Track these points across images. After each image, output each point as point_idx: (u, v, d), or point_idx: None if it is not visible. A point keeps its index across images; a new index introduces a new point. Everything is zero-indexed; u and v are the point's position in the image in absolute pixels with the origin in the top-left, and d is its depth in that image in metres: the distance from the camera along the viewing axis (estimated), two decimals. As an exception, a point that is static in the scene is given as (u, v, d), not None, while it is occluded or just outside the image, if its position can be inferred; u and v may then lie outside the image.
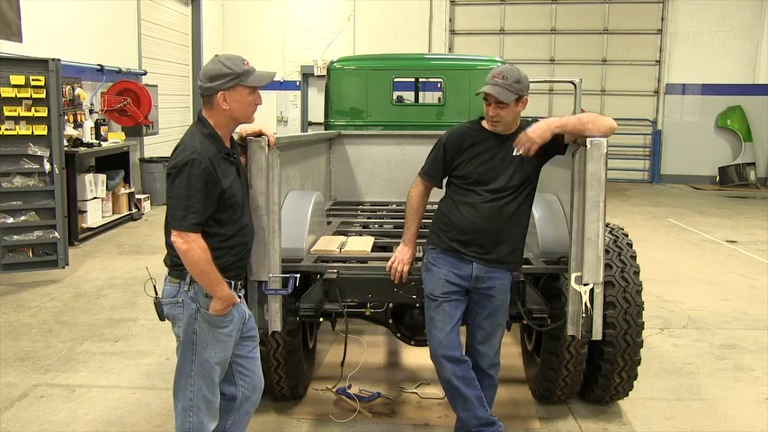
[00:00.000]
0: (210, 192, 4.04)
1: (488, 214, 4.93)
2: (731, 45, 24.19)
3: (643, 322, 5.76)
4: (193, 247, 3.98)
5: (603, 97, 25.01)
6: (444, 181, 5.24)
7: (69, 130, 13.13)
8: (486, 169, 4.97)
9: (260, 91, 4.32)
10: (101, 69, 15.54)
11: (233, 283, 4.30)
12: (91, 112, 15.02)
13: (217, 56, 4.28)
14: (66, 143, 12.08)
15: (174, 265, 4.19)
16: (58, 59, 10.45)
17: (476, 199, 4.96)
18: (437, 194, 5.30)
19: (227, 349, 4.34)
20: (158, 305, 4.27)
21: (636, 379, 5.96)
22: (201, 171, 3.98)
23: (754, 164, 24.12)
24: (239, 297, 4.39)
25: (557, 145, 4.94)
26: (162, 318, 4.30)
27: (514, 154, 4.86)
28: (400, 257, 5.27)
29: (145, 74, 17.85)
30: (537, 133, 4.77)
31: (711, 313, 9.31)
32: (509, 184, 4.95)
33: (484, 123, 5.10)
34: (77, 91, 14.16)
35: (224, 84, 4.13)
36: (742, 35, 24.09)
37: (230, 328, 4.30)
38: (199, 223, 4.01)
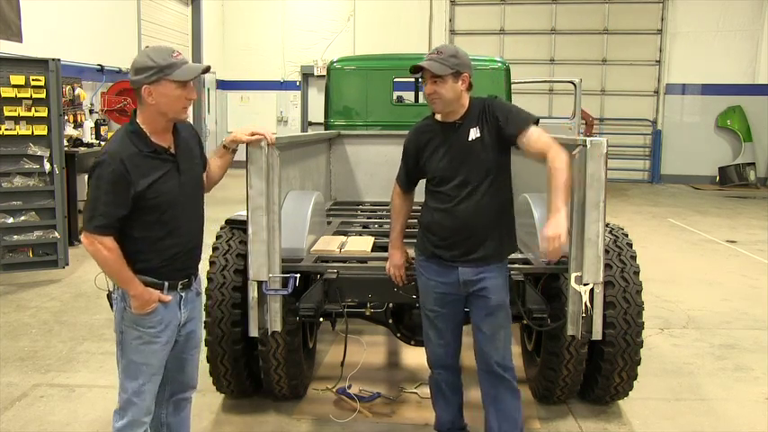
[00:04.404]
0: (120, 194, 3.91)
1: (463, 216, 4.75)
2: (731, 45, 24.27)
3: (643, 322, 5.76)
4: (99, 248, 3.91)
5: (603, 97, 25.11)
6: (419, 183, 5.17)
7: (69, 130, 13.12)
8: (446, 164, 4.80)
9: (261, 91, 4.25)
10: (101, 69, 15.58)
11: (166, 284, 4.16)
12: (91, 112, 15.04)
13: (146, 47, 4.15)
14: (66, 143, 12.06)
15: None
16: (58, 59, 10.44)
17: (447, 203, 4.79)
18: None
19: (155, 351, 4.19)
20: (110, 297, 4.24)
21: (636, 379, 5.96)
22: (110, 173, 3.88)
23: (753, 164, 24.18)
24: (179, 296, 4.27)
25: (511, 138, 4.73)
26: (113, 309, 4.24)
27: (542, 261, 4.70)
28: (392, 262, 5.24)
29: (145, 74, 17.85)
30: (556, 236, 4.37)
31: (711, 313, 9.32)
32: (472, 175, 4.75)
33: (437, 116, 4.96)
34: (77, 91, 14.19)
35: (148, 77, 4.00)
36: (742, 35, 24.17)
37: (158, 329, 4.16)
38: (104, 226, 3.90)
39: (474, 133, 4.77)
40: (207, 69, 4.34)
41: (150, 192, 4.00)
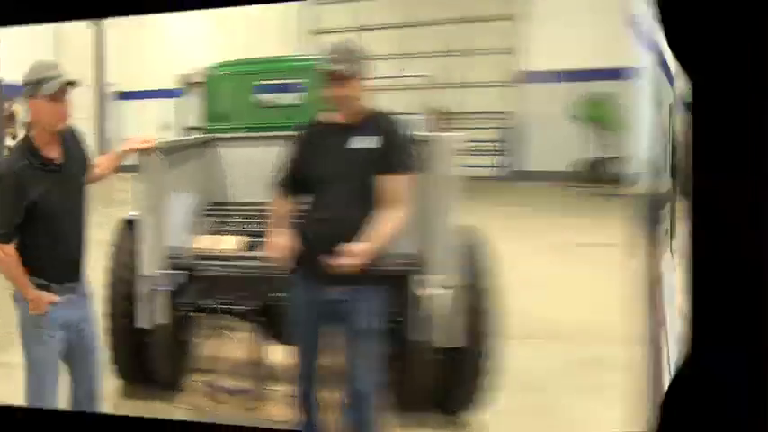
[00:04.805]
0: (15, 205, 4.21)
1: (337, 228, 4.39)
2: (587, 28, 21.42)
3: (498, 330, 5.60)
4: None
5: (452, 90, 23.70)
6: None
7: (9, 142, 13.59)
8: (329, 168, 4.52)
9: (153, 99, 4.49)
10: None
11: (54, 286, 4.42)
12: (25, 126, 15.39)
13: (35, 62, 4.31)
14: (6, 154, 12.28)
15: None
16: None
17: (323, 212, 4.51)
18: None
19: (50, 351, 4.46)
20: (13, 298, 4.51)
21: (491, 390, 5.79)
22: (6, 186, 4.21)
23: (617, 157, 20.12)
24: (68, 298, 4.50)
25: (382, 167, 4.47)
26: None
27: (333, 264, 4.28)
28: (272, 246, 4.72)
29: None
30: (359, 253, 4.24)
31: (573, 324, 8.63)
32: (354, 185, 4.45)
33: (323, 117, 4.68)
34: (14, 107, 14.56)
35: (27, 91, 4.22)
36: (595, 17, 21.01)
37: (51, 328, 4.42)
38: (3, 235, 4.24)
39: (366, 142, 4.46)
40: (71, 83, 4.31)
41: (39, 203, 4.25)
